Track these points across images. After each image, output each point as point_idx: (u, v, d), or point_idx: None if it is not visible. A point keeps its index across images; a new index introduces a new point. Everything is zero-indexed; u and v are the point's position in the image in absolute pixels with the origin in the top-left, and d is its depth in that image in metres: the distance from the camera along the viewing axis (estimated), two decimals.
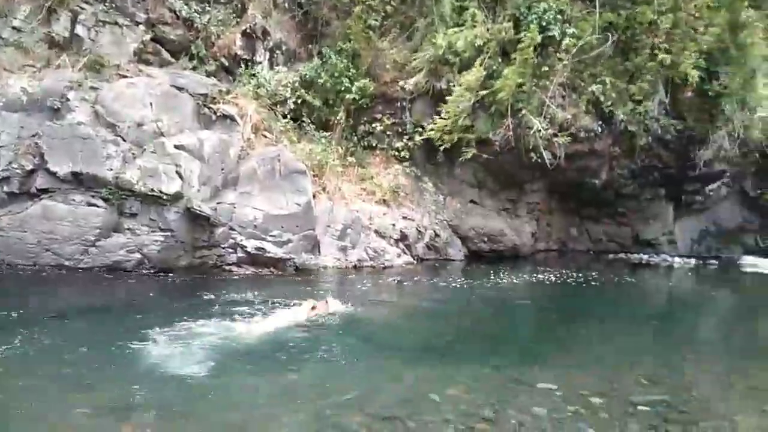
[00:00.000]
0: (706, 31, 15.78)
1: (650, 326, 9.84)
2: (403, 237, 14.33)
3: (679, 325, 10.24)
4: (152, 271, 10.44)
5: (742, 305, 12.98)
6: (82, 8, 11.66)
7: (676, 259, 18.81)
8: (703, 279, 16.34)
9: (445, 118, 14.36)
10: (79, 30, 11.66)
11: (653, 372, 6.54)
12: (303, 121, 14.32)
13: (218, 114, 12.12)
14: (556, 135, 14.46)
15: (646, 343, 8.44)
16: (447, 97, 14.61)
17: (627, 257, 19.13)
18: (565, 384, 5.83)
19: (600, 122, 15.54)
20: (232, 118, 12.29)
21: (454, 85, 14.68)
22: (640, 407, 5.29)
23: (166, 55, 12.96)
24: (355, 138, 15.50)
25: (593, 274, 14.59)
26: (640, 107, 15.69)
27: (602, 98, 15.24)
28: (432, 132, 14.49)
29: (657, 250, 19.65)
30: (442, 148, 14.54)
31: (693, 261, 18.85)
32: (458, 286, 11.79)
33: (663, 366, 6.92)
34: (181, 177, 10.78)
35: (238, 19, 13.84)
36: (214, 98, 12.27)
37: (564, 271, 14.63)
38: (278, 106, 13.88)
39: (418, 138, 15.17)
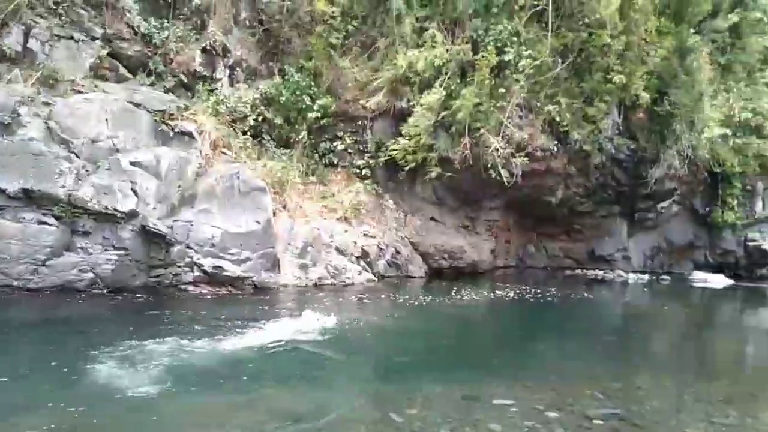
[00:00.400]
0: (655, 54, 16.41)
1: (605, 341, 10.05)
2: (364, 254, 14.35)
3: (633, 339, 10.51)
4: (105, 290, 10.17)
5: (692, 320, 13.38)
6: (36, 22, 11.39)
7: (630, 274, 19.35)
8: (656, 294, 16.80)
9: (407, 138, 14.55)
10: (33, 44, 11.37)
11: (608, 386, 6.66)
12: (263, 139, 14.27)
13: (176, 131, 11.98)
14: (513, 154, 14.77)
15: (601, 357, 8.60)
16: (408, 117, 14.84)
17: (583, 273, 19.60)
18: (521, 400, 5.90)
19: (556, 142, 15.93)
20: (191, 135, 12.16)
21: (414, 105, 14.91)
22: (595, 421, 5.39)
23: (123, 70, 12.74)
24: (317, 155, 15.52)
25: (550, 290, 14.87)
26: (594, 127, 16.15)
27: (558, 118, 15.66)
28: (395, 152, 14.64)
29: (612, 266, 20.20)
30: (406, 168, 14.68)
31: (646, 276, 19.41)
32: (419, 303, 11.84)
33: (617, 380, 7.05)
34: (136, 194, 10.58)
35: (198, 36, 13.74)
36: (172, 115, 12.12)
37: (522, 288, 14.86)
38: (238, 123, 13.79)
39: (381, 158, 15.34)
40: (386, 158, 15.21)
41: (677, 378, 7.48)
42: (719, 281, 19.09)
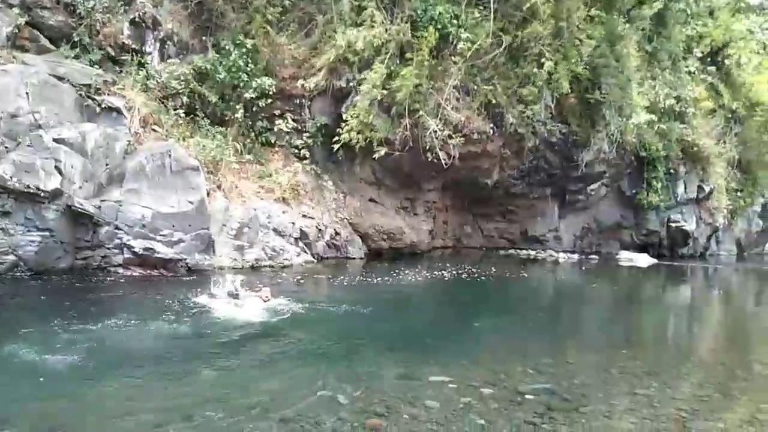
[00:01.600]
0: (590, 44, 16.86)
1: (538, 318, 10.40)
2: (303, 235, 14.21)
3: (564, 316, 10.94)
4: (29, 273, 9.65)
5: (618, 297, 14.04)
6: None
7: (561, 254, 20.06)
8: (585, 273, 17.50)
9: (352, 117, 14.44)
10: None
11: (539, 362, 6.86)
12: (197, 116, 13.76)
13: (103, 106, 11.42)
14: (450, 136, 14.90)
15: (534, 334, 8.88)
16: (348, 96, 14.72)
17: (517, 253, 20.17)
18: (457, 377, 6.00)
19: (492, 125, 16.19)
20: (119, 111, 11.62)
21: (354, 84, 14.78)
22: (527, 396, 5.55)
23: (44, 41, 12.00)
24: (253, 134, 15.14)
25: (485, 269, 15.22)
26: (528, 111, 16.51)
27: (494, 101, 15.89)
28: (345, 133, 14.43)
29: (544, 245, 20.89)
30: (357, 146, 14.52)
31: (576, 256, 20.19)
32: (357, 284, 11.87)
33: (549, 356, 7.27)
34: (60, 173, 10.04)
35: (126, 7, 13.06)
36: (99, 89, 11.55)
37: (458, 268, 15.14)
38: (169, 100, 13.27)
39: (320, 138, 15.19)
40: (335, 140, 14.92)
41: (604, 352, 7.81)
42: (644, 260, 20.08)
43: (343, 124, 14.56)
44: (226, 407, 4.91)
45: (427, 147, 14.72)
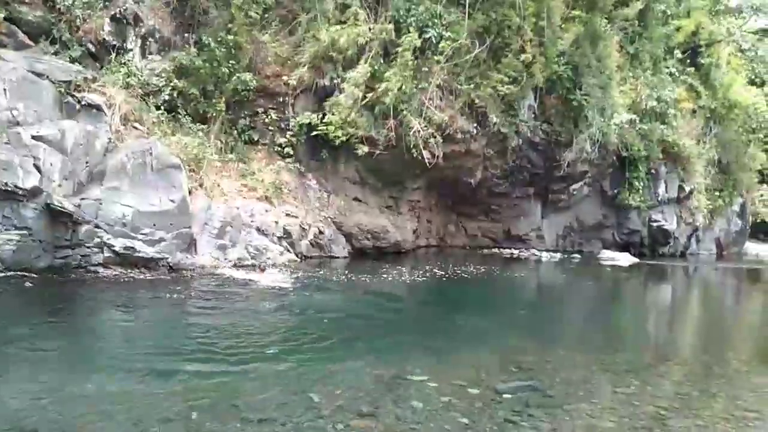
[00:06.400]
0: (568, 41, 17.01)
1: (520, 317, 10.47)
2: (287, 234, 14.13)
3: (546, 315, 11.00)
4: (7, 273, 9.48)
5: (599, 296, 14.17)
6: None
7: (544, 253, 20.19)
8: (567, 272, 17.63)
9: (333, 114, 14.40)
10: None
11: (521, 360, 6.92)
12: (178, 114, 13.61)
13: (83, 103, 11.21)
14: (434, 135, 14.94)
15: (516, 333, 8.91)
16: (331, 94, 14.70)
17: (500, 252, 20.27)
18: (439, 375, 6.02)
19: (475, 124, 16.26)
20: (99, 108, 11.43)
21: (337, 82, 14.76)
22: (507, 395, 5.58)
23: (23, 37, 11.76)
24: (236, 132, 15.05)
25: (469, 268, 15.28)
26: (511, 111, 16.60)
27: (477, 101, 15.96)
28: (325, 128, 14.41)
29: (527, 244, 21.03)
30: (338, 142, 14.51)
31: (558, 255, 20.33)
32: (340, 283, 11.84)
33: (530, 354, 7.33)
34: (39, 171, 9.86)
35: (107, 3, 12.90)
36: (79, 86, 11.35)
37: (442, 266, 15.17)
38: (151, 97, 13.10)
39: (303, 135, 15.09)
40: (313, 134, 14.98)
41: (586, 351, 7.87)
42: (625, 259, 20.26)
43: (324, 119, 14.56)
44: (200, 401, 4.88)
45: (411, 146, 14.75)
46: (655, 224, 23.05)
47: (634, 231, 23.01)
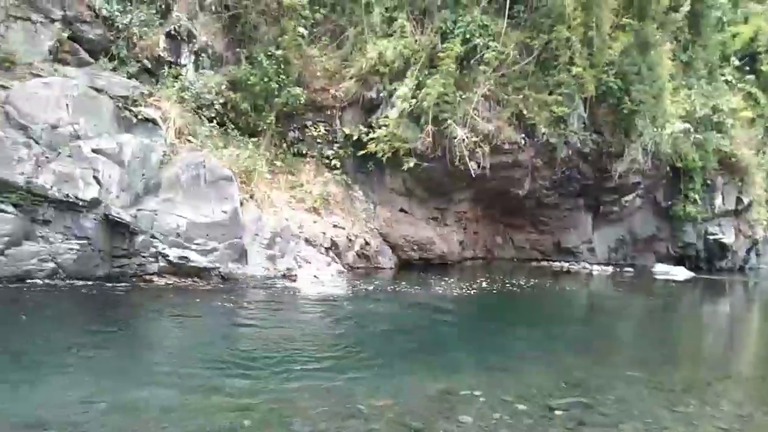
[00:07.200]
0: (616, 50, 16.63)
1: (570, 331, 10.17)
2: (334, 245, 14.23)
3: (598, 330, 10.68)
4: (67, 280, 9.84)
5: (655, 311, 13.68)
6: None
7: (595, 266, 19.69)
8: (620, 285, 17.15)
9: (380, 127, 14.49)
10: None
11: (573, 375, 6.73)
12: (229, 127, 13.96)
13: (139, 117, 11.62)
14: (480, 146, 14.84)
15: (567, 347, 8.69)
16: (378, 107, 14.82)
17: (549, 265, 19.86)
18: (489, 390, 5.89)
19: (523, 135, 16.06)
20: (155, 122, 11.82)
21: (384, 95, 14.86)
22: (559, 411, 5.42)
23: (84, 54, 12.29)
24: (285, 145, 15.32)
25: (518, 281, 15.03)
26: (560, 121, 16.33)
27: (525, 111, 15.78)
28: (373, 144, 14.51)
29: (577, 257, 20.52)
30: (384, 158, 14.59)
31: (610, 268, 19.80)
32: (389, 295, 11.81)
33: (582, 369, 7.12)
34: (98, 182, 10.24)
35: (162, 20, 13.37)
36: (136, 101, 11.76)
37: (490, 278, 14.98)
38: (203, 110, 13.47)
39: (350, 148, 15.26)
40: (354, 147, 15.12)
41: (640, 367, 7.55)
42: (681, 273, 19.59)
43: (372, 134, 14.66)
44: (242, 411, 4.92)
45: (457, 157, 14.68)
46: (711, 237, 22.23)
47: (690, 244, 22.23)
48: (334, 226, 14.55)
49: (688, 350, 9.75)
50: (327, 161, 15.56)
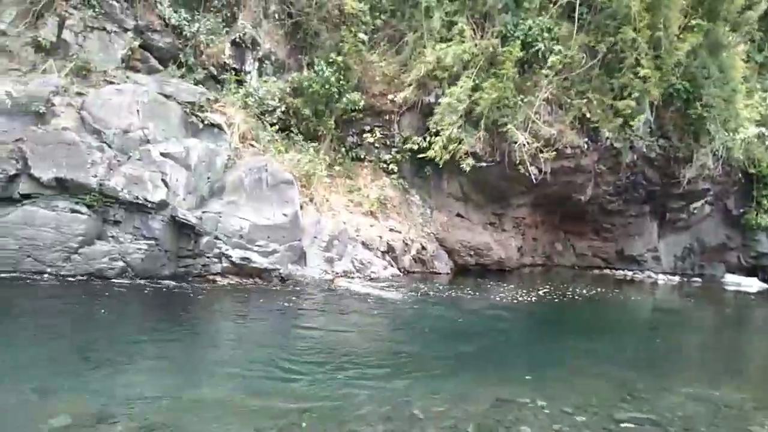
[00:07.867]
0: (683, 51, 15.97)
1: (635, 343, 9.87)
2: (390, 249, 14.27)
3: (663, 341, 10.26)
4: (135, 279, 10.26)
5: (725, 324, 13.07)
6: (70, 13, 11.55)
7: (660, 275, 18.98)
8: (688, 296, 16.45)
9: (435, 133, 14.44)
10: (66, 35, 11.53)
11: (636, 389, 6.51)
12: (291, 132, 14.27)
13: (205, 122, 12.03)
14: (541, 150, 14.56)
15: (632, 360, 8.45)
16: (438, 111, 14.75)
17: (612, 273, 19.27)
18: (550, 401, 5.79)
19: (586, 139, 15.67)
20: (220, 127, 12.21)
21: (441, 99, 14.81)
22: (623, 425, 5.26)
23: (154, 62, 12.85)
24: (344, 149, 15.52)
25: (578, 289, 14.65)
26: (625, 125, 15.83)
27: (588, 115, 15.38)
28: (433, 152, 14.51)
29: (641, 266, 19.81)
30: (441, 162, 14.55)
31: (677, 278, 19.04)
32: (446, 300, 11.74)
33: (646, 383, 6.88)
34: (166, 185, 10.65)
35: (228, 29, 13.81)
36: (202, 106, 12.18)
37: (550, 286, 14.65)
38: (266, 116, 13.82)
39: (407, 152, 15.36)
40: (411, 152, 15.14)
41: (708, 384, 7.26)
42: (753, 285, 18.62)
43: (430, 139, 14.62)
44: (307, 413, 4.96)
45: (517, 161, 14.45)
46: None
47: (763, 254, 21.08)
48: (391, 230, 14.59)
49: (761, 367, 9.25)
50: (384, 165, 15.66)
